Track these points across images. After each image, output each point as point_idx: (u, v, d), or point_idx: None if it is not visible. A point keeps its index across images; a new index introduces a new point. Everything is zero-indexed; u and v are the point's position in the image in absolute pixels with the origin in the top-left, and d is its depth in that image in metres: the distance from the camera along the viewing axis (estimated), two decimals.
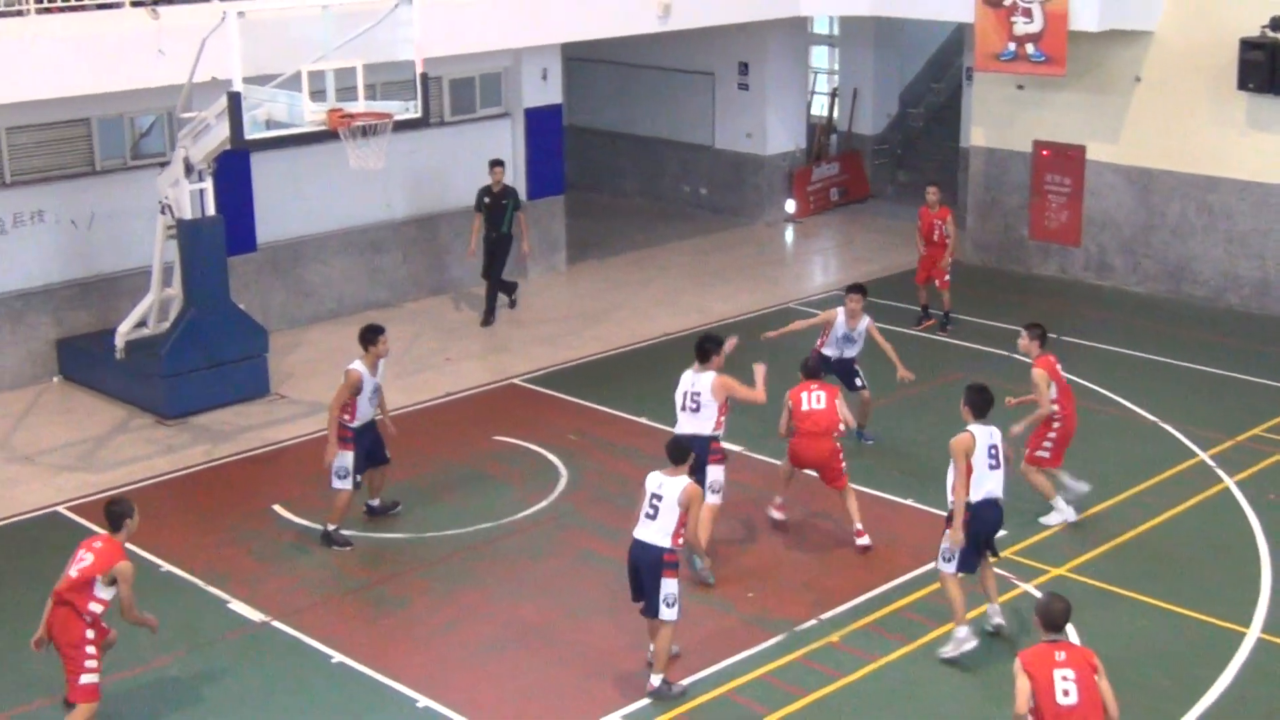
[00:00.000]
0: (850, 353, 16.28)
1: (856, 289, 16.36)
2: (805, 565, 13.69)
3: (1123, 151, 22.12)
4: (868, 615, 12.66)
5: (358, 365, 13.78)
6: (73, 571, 10.63)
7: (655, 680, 11.49)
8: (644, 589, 11.38)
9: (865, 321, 16.17)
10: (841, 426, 13.99)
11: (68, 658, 10.63)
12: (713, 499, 13.30)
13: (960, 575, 11.91)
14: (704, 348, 13.49)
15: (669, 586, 11.32)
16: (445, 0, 19.15)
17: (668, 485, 11.31)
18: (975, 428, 11.85)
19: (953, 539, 11.75)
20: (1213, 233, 21.45)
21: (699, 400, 13.38)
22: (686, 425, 13.38)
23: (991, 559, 12.20)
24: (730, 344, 13.67)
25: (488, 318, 20.71)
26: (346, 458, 13.80)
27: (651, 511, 11.30)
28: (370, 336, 13.89)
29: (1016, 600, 12.86)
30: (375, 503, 14.59)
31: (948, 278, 20.31)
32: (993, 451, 11.83)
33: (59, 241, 18.32)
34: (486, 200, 20.41)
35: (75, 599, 10.55)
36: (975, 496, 11.74)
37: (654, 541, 11.27)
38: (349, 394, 13.71)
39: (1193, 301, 21.68)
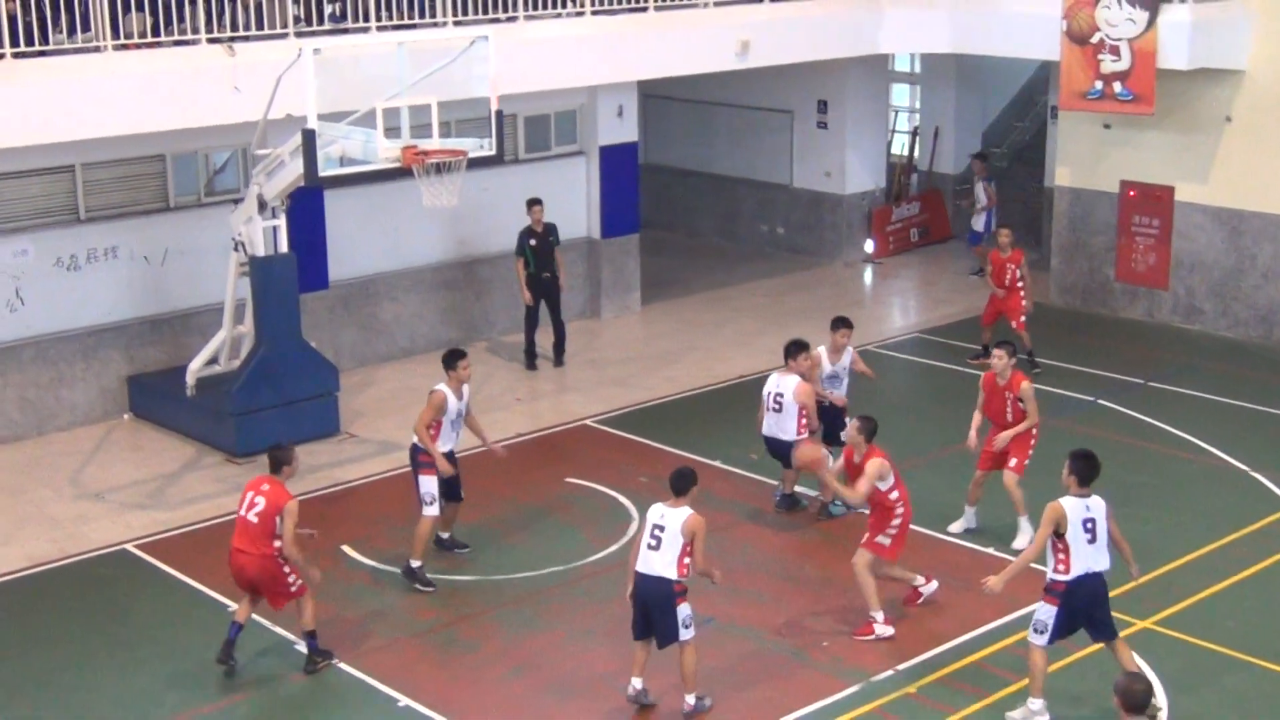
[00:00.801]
0: (838, 391, 15.92)
1: (845, 323, 16.04)
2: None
3: (1212, 192, 21.92)
4: (945, 667, 12.54)
5: (442, 387, 13.93)
6: (251, 517, 12.12)
7: (690, 699, 11.65)
8: (652, 623, 11.60)
9: (848, 355, 16.02)
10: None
11: (273, 591, 12.28)
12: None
13: (1048, 648, 11.58)
14: (790, 349, 15.02)
15: (683, 611, 11.55)
16: (521, 37, 19.33)
17: (670, 516, 11.48)
18: (1070, 500, 11.33)
19: (991, 585, 11.67)
20: None
21: (781, 401, 14.77)
22: (771, 425, 15.14)
23: (1108, 641, 11.71)
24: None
25: (532, 362, 20.69)
26: (431, 483, 13.89)
27: (654, 543, 11.47)
28: (450, 361, 14.09)
29: (1104, 652, 12.68)
30: (445, 535, 14.66)
31: (1024, 319, 20.15)
32: (1088, 525, 11.28)
33: (132, 277, 18.58)
34: (532, 242, 20.21)
35: (262, 544, 12.10)
36: (1073, 572, 11.32)
37: (662, 574, 11.44)
38: (432, 415, 13.82)
39: None
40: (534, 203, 20.30)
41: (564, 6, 20.29)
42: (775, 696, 12.08)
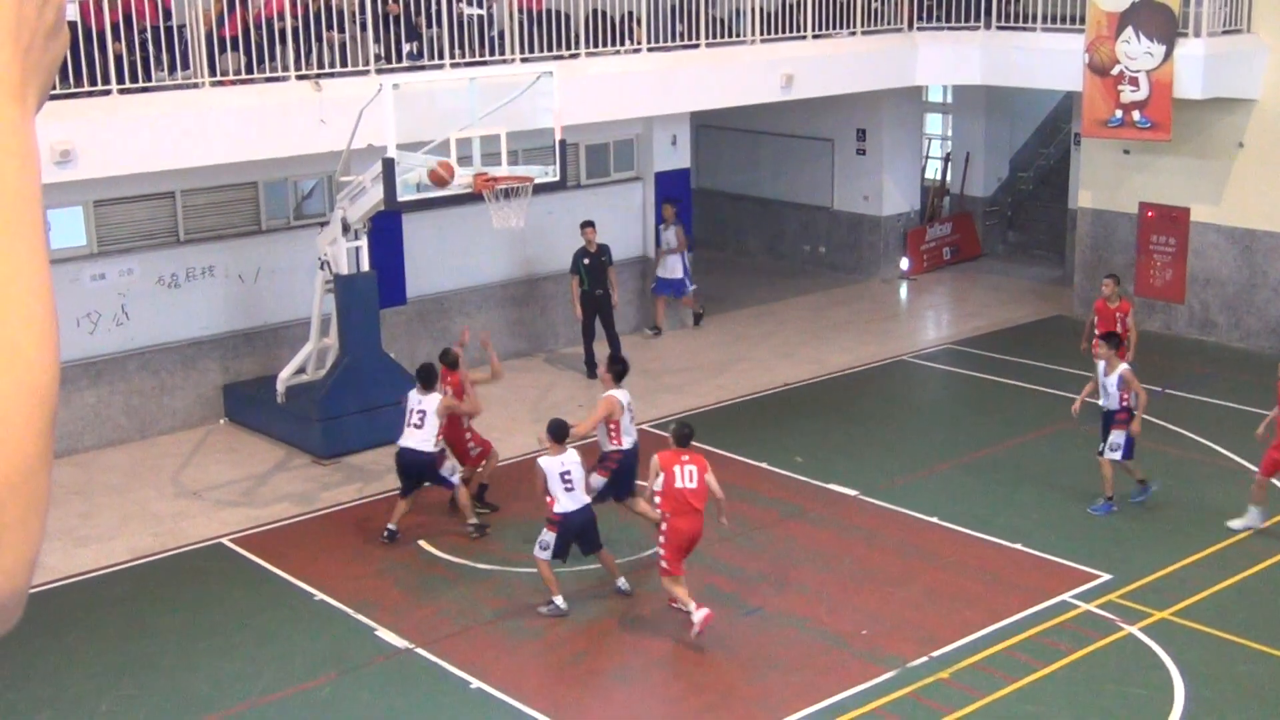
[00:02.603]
0: (1109, 405, 15.19)
1: (1106, 338, 15.32)
2: (916, 605, 13.52)
3: (1225, 213, 21.72)
4: (976, 654, 12.46)
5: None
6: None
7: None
8: (581, 544, 13.22)
9: (1120, 370, 15.16)
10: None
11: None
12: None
13: None
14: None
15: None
16: (582, 73, 19.39)
17: (567, 460, 12.93)
18: None
19: None
20: None
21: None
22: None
23: None
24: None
25: (593, 371, 20.71)
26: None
27: (570, 485, 12.87)
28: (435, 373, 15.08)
29: (1125, 642, 12.60)
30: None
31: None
32: None
33: (227, 294, 18.75)
34: (586, 261, 20.25)
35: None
36: None
37: (586, 503, 13.10)
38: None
39: None
40: (587, 225, 20.37)
41: (622, 44, 20.34)
42: (816, 681, 12.05)
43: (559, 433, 13.11)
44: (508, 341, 21.48)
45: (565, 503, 12.91)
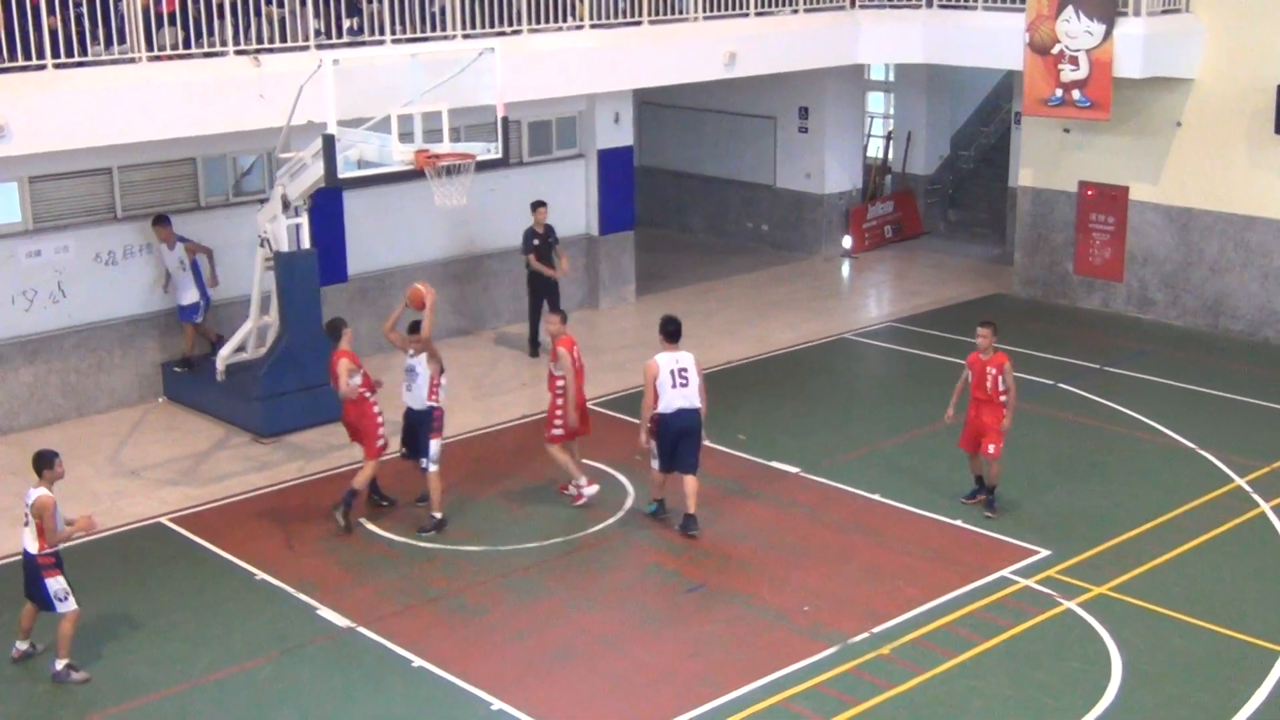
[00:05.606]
0: None
1: None
2: (857, 581, 13.60)
3: (1164, 191, 21.92)
4: (916, 630, 12.55)
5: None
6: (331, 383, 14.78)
7: (59, 664, 11.84)
8: (31, 594, 11.89)
9: None
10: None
11: (365, 436, 14.77)
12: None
13: None
14: (671, 329, 14.90)
15: (54, 584, 11.77)
16: (524, 49, 19.29)
17: (32, 495, 11.68)
18: None
19: None
20: (1250, 269, 21.19)
21: (686, 376, 14.60)
22: (677, 400, 14.55)
23: None
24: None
25: (535, 349, 20.60)
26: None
27: (26, 521, 11.72)
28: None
29: (1063, 617, 12.73)
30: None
31: (1001, 444, 14.84)
32: None
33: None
34: (536, 241, 20.24)
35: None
36: None
37: (26, 548, 11.76)
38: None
39: (1230, 334, 21.41)
40: (539, 205, 20.29)
41: (564, 20, 20.26)
42: (759, 658, 12.10)
43: (36, 463, 11.68)
44: (450, 319, 21.38)
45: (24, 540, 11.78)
